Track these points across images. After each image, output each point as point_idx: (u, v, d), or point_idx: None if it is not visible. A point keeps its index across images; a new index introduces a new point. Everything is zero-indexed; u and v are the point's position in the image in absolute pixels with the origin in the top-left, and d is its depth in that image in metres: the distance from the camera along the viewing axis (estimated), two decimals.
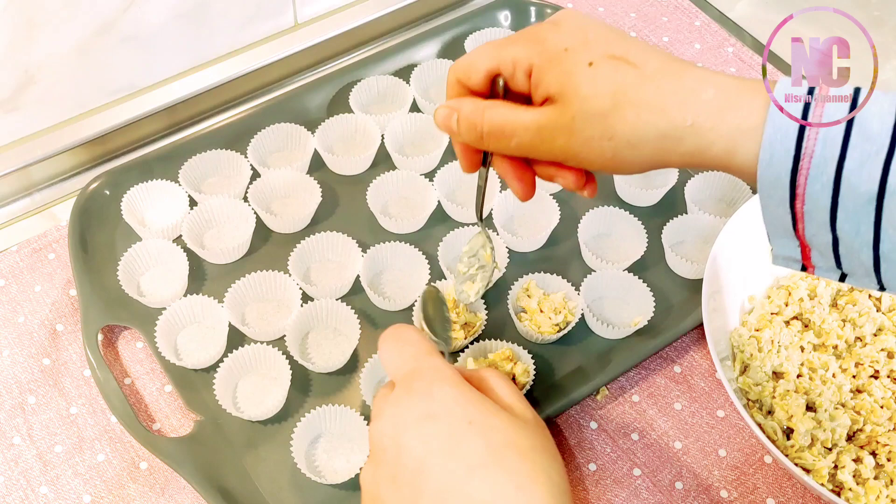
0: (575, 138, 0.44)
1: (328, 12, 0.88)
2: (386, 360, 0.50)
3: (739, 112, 0.41)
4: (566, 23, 0.46)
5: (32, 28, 0.69)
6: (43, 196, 0.78)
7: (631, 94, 0.43)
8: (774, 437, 0.60)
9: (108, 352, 0.67)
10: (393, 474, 0.44)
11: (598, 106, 0.43)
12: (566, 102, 0.44)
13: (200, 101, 0.83)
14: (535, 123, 0.45)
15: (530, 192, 0.52)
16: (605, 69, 0.43)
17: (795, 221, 0.42)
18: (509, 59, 0.46)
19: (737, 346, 0.65)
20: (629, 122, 0.43)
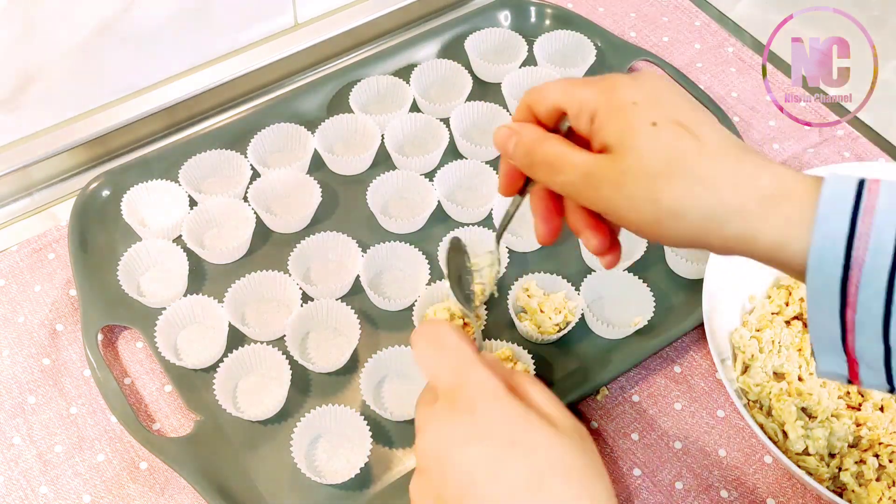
0: (621, 193, 0.43)
1: (328, 12, 0.88)
2: (425, 366, 0.49)
3: (792, 206, 0.41)
4: (643, 79, 0.46)
5: (32, 28, 0.69)
6: (43, 196, 0.78)
7: (686, 163, 0.42)
8: (775, 438, 0.60)
9: (108, 352, 0.67)
10: (438, 493, 0.44)
11: (651, 167, 0.42)
12: (621, 155, 0.43)
13: (200, 101, 0.83)
14: (585, 167, 0.45)
15: (552, 238, 0.51)
16: (666, 133, 0.43)
17: (845, 333, 0.41)
18: (577, 100, 0.46)
19: (737, 346, 0.65)
20: (678, 190, 0.42)
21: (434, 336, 0.49)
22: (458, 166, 0.75)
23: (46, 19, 0.69)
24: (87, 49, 0.73)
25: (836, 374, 0.43)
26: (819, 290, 0.40)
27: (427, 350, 0.49)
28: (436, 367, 0.48)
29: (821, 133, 0.79)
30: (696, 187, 0.42)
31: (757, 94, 0.84)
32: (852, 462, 0.59)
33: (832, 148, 0.80)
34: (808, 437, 0.59)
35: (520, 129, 0.49)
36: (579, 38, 0.84)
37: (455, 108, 0.78)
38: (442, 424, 0.45)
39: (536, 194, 0.51)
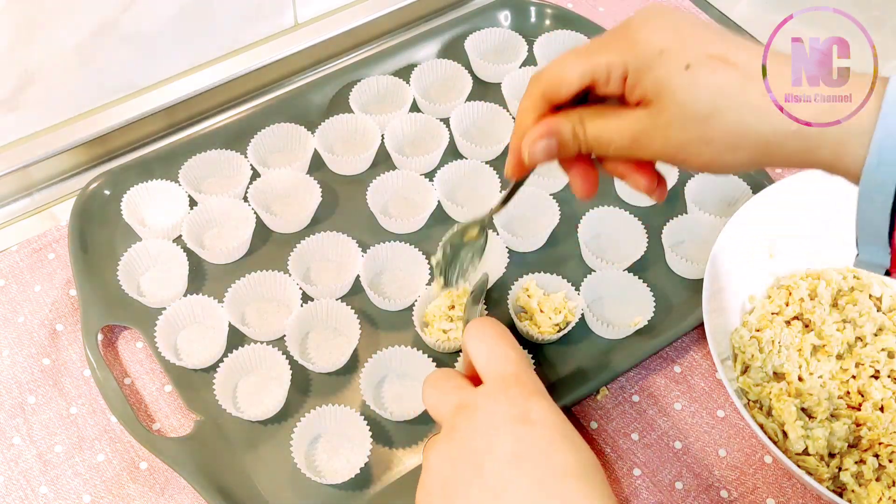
0: (671, 142, 0.43)
1: (328, 12, 0.88)
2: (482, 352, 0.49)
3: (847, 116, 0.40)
4: (657, 20, 0.44)
5: (32, 28, 0.69)
6: (43, 196, 0.78)
7: (732, 97, 0.41)
8: (775, 438, 0.60)
9: (108, 352, 0.67)
10: (478, 463, 0.44)
11: (697, 111, 0.42)
12: (662, 107, 0.43)
13: (200, 101, 0.83)
14: (630, 131, 0.44)
15: (593, 191, 0.50)
16: (703, 72, 0.42)
17: (893, 229, 0.41)
18: (603, 68, 0.44)
19: (738, 346, 0.65)
20: (730, 126, 0.41)
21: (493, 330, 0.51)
22: (458, 166, 0.75)
23: (46, 19, 0.69)
24: (87, 49, 0.73)
25: (875, 265, 0.43)
26: (874, 186, 0.40)
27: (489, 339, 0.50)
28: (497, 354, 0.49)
29: None
30: (748, 117, 0.41)
31: None
32: (852, 462, 0.59)
33: None
34: (808, 437, 0.59)
35: (553, 127, 0.47)
36: (579, 38, 0.84)
37: (455, 108, 0.78)
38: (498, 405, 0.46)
39: (564, 164, 0.51)
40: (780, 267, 0.70)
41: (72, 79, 0.75)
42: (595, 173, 0.50)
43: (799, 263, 0.70)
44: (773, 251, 0.69)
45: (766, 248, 0.69)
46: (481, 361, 0.49)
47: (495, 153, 0.77)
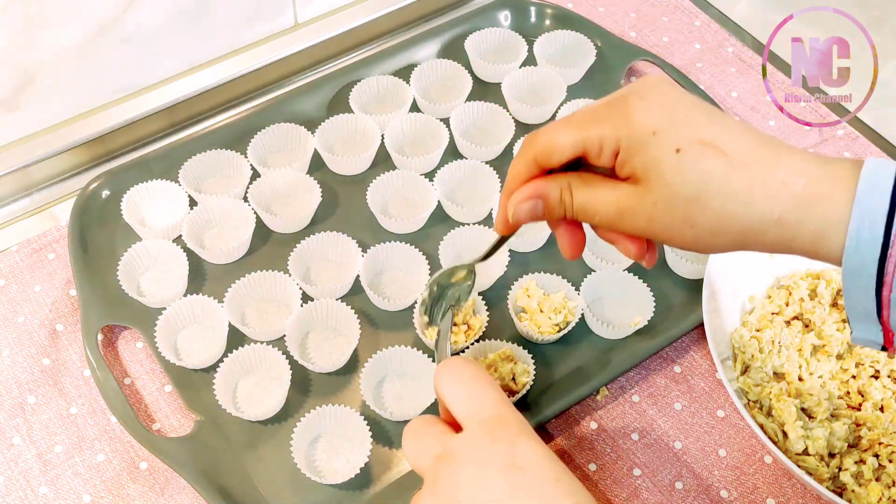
0: (656, 221, 0.44)
1: (328, 12, 0.88)
2: (457, 397, 0.47)
3: (828, 204, 0.41)
4: (653, 97, 0.45)
5: (32, 28, 0.69)
6: (43, 196, 0.78)
7: (718, 184, 0.42)
8: (775, 438, 0.60)
9: (108, 352, 0.67)
10: None
11: (684, 193, 0.43)
12: (650, 187, 0.43)
13: (200, 101, 0.83)
14: (616, 204, 0.45)
15: (579, 252, 0.51)
16: (692, 157, 0.42)
17: (881, 308, 0.41)
18: (596, 140, 0.45)
19: (738, 346, 0.65)
20: (713, 212, 0.42)
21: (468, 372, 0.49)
22: (458, 166, 0.75)
23: (46, 19, 0.69)
24: (87, 49, 0.73)
25: (871, 342, 0.44)
26: (856, 269, 0.41)
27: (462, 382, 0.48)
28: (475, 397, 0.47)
29: (821, 133, 0.79)
30: (731, 205, 0.42)
31: (757, 94, 0.84)
32: (852, 462, 0.59)
33: (832, 148, 0.80)
34: (808, 437, 0.59)
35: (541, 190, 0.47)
36: (579, 38, 0.84)
37: (455, 108, 0.78)
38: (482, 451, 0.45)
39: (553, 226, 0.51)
40: (780, 267, 0.70)
41: (72, 79, 0.75)
42: (582, 235, 0.51)
43: (799, 263, 0.70)
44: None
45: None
46: (459, 406, 0.47)
47: (495, 153, 0.77)
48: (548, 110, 0.80)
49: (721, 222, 0.42)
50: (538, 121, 0.80)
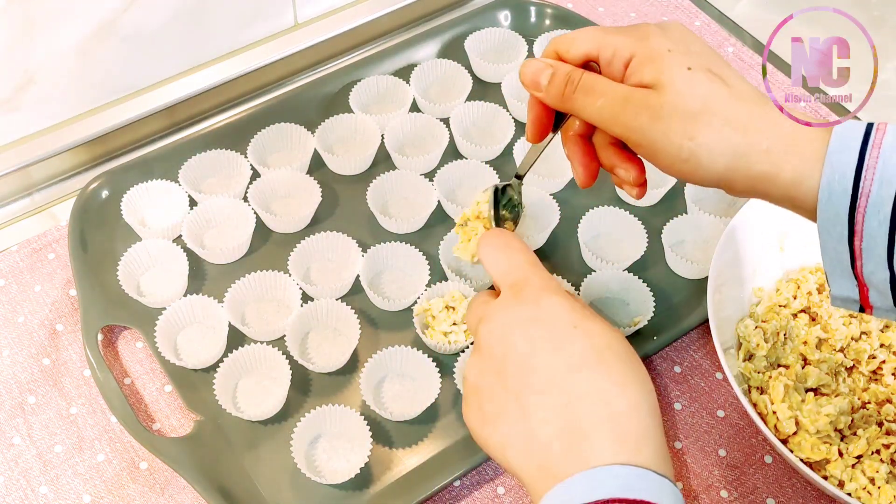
0: (657, 124, 0.46)
1: (328, 12, 0.88)
2: (492, 265, 0.52)
3: (810, 146, 0.44)
4: (673, 30, 0.48)
5: (32, 28, 0.69)
6: (43, 196, 0.78)
7: (720, 106, 0.45)
8: (773, 429, 0.60)
9: (108, 352, 0.67)
10: (499, 368, 0.46)
11: (689, 105, 0.45)
12: (660, 91, 0.46)
13: (200, 101, 0.83)
14: (623, 91, 0.47)
15: (591, 180, 0.54)
16: (701, 77, 0.46)
17: (854, 259, 0.44)
18: (611, 47, 0.48)
19: (742, 335, 0.65)
20: (713, 130, 0.45)
21: (502, 241, 0.53)
22: (458, 166, 0.75)
23: (46, 19, 0.69)
24: (87, 49, 0.73)
25: (848, 300, 0.46)
26: (829, 220, 0.43)
27: (496, 251, 0.52)
28: (504, 265, 0.51)
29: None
30: (728, 129, 0.45)
31: None
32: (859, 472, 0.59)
33: None
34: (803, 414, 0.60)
35: (555, 63, 0.51)
36: None
37: (455, 108, 0.78)
38: (506, 310, 0.48)
39: (570, 140, 0.54)
40: (791, 260, 0.70)
41: (72, 79, 0.75)
42: (596, 164, 0.54)
43: (809, 257, 0.70)
44: (783, 244, 0.69)
45: (776, 240, 0.69)
46: (494, 272, 0.52)
47: (495, 153, 0.77)
48: None
49: (719, 143, 0.45)
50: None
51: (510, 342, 0.47)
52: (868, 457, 0.59)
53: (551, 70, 0.51)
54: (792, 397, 0.61)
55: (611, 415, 0.43)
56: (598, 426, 0.43)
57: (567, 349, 0.46)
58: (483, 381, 0.47)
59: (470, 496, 0.61)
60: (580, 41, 0.50)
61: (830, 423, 0.60)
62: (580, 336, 0.46)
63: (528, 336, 0.47)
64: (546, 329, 0.47)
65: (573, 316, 0.47)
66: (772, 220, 0.68)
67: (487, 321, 0.49)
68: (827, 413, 0.59)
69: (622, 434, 0.43)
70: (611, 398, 0.44)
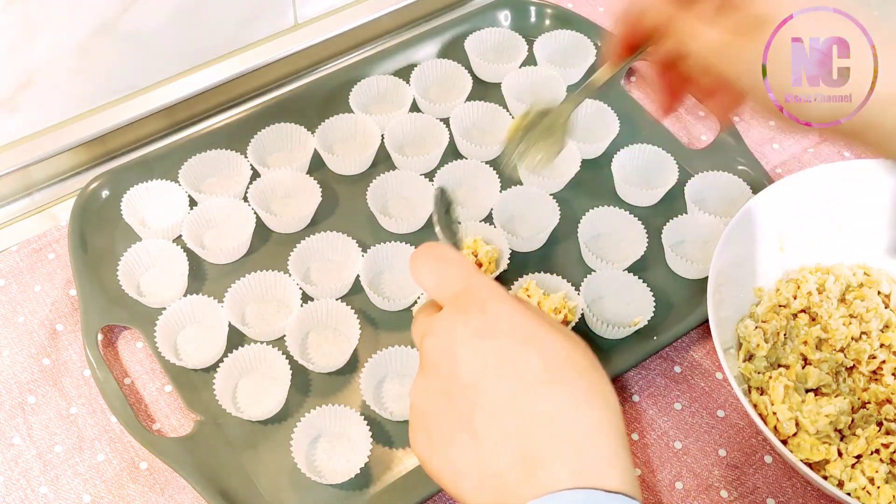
0: None
1: (328, 12, 0.88)
2: (426, 278, 0.47)
3: None
4: None
5: (32, 28, 0.69)
6: (43, 196, 0.78)
7: None
8: (773, 428, 0.60)
9: (108, 352, 0.67)
10: (447, 389, 0.43)
11: None
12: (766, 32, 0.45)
13: (200, 101, 0.83)
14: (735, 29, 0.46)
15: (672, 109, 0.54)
16: None
17: None
18: None
19: (742, 335, 0.65)
20: None
21: (433, 253, 0.48)
22: (458, 166, 0.75)
23: (46, 19, 0.69)
24: (87, 49, 0.73)
25: None
26: None
27: (430, 264, 0.47)
28: (441, 277, 0.46)
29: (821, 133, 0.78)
30: None
31: None
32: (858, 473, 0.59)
33: (832, 148, 0.80)
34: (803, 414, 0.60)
35: None
36: (579, 37, 0.84)
37: (455, 108, 0.78)
38: (454, 322, 0.44)
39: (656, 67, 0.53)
40: (790, 260, 0.70)
41: (72, 79, 0.75)
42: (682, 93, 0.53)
43: (809, 258, 0.70)
44: (783, 244, 0.69)
45: (777, 240, 0.69)
46: (432, 288, 0.47)
47: (495, 153, 0.77)
48: None
49: None
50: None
51: (457, 359, 0.42)
52: (867, 457, 0.59)
53: None
54: (792, 398, 0.61)
55: (567, 438, 0.40)
56: (556, 452, 0.39)
57: (520, 364, 0.41)
58: (429, 404, 0.43)
59: None
60: None
61: (830, 423, 0.60)
62: (533, 351, 0.42)
63: (476, 351, 0.42)
64: (495, 342, 0.42)
65: (525, 325, 0.43)
66: (772, 221, 0.68)
67: (431, 335, 0.44)
68: (827, 413, 0.59)
69: (584, 460, 0.39)
70: (570, 419, 0.40)
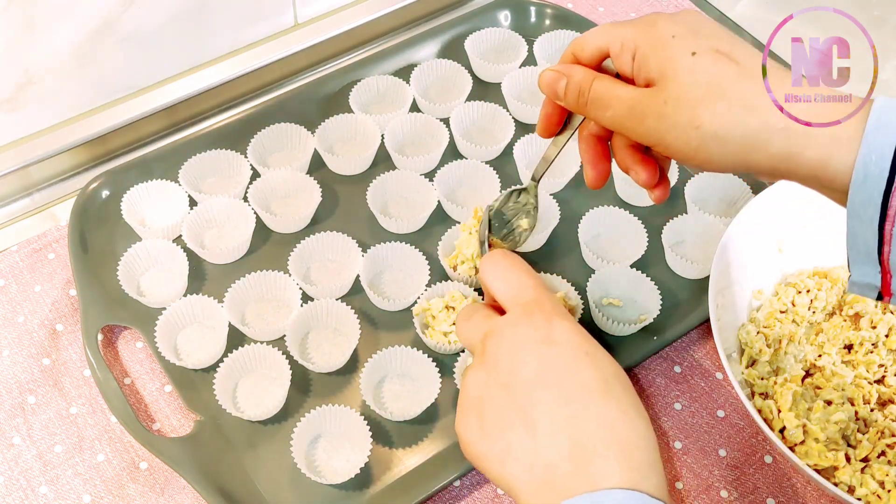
0: (663, 122, 0.45)
1: (328, 12, 0.88)
2: (500, 285, 0.51)
3: None
4: (683, 16, 0.48)
5: (32, 28, 0.69)
6: (43, 196, 0.78)
7: (726, 87, 0.44)
8: (775, 426, 0.60)
9: (108, 352, 0.67)
10: (507, 382, 0.46)
11: (692, 94, 0.44)
12: (662, 86, 0.45)
13: (200, 101, 0.83)
14: (630, 100, 0.47)
15: (601, 182, 0.55)
16: (706, 60, 0.45)
17: (882, 244, 0.43)
18: (618, 39, 0.48)
19: (745, 341, 0.65)
20: (718, 114, 0.44)
21: (508, 260, 0.52)
22: (458, 166, 0.75)
23: (46, 19, 0.69)
24: (87, 49, 0.73)
25: (868, 286, 0.45)
26: (861, 202, 0.42)
27: (503, 272, 0.52)
28: (512, 285, 0.51)
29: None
30: (737, 109, 0.43)
31: None
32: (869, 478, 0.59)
33: None
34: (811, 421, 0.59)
35: (568, 70, 0.51)
36: None
37: (455, 108, 0.78)
38: (520, 329, 0.48)
39: (584, 140, 0.54)
40: (789, 263, 0.70)
41: (72, 79, 0.75)
42: (607, 165, 0.55)
43: (808, 260, 0.70)
44: (781, 246, 0.69)
45: (775, 242, 0.69)
46: (502, 293, 0.51)
47: (495, 153, 0.77)
48: None
49: (725, 126, 0.43)
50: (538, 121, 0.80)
51: (520, 359, 0.47)
52: (875, 460, 0.59)
53: (565, 80, 0.51)
54: (799, 405, 0.61)
55: (619, 441, 0.43)
56: (607, 448, 0.43)
57: (577, 374, 0.46)
58: (487, 392, 0.47)
59: (470, 496, 0.61)
60: (591, 38, 0.50)
61: (840, 430, 0.60)
62: (590, 363, 0.46)
63: (539, 356, 0.46)
64: (557, 352, 0.47)
65: (584, 343, 0.47)
66: (771, 222, 0.68)
67: (496, 336, 0.48)
68: (836, 420, 0.59)
69: (631, 460, 0.43)
70: (623, 426, 0.44)
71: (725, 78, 0.44)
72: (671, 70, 0.45)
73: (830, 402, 0.62)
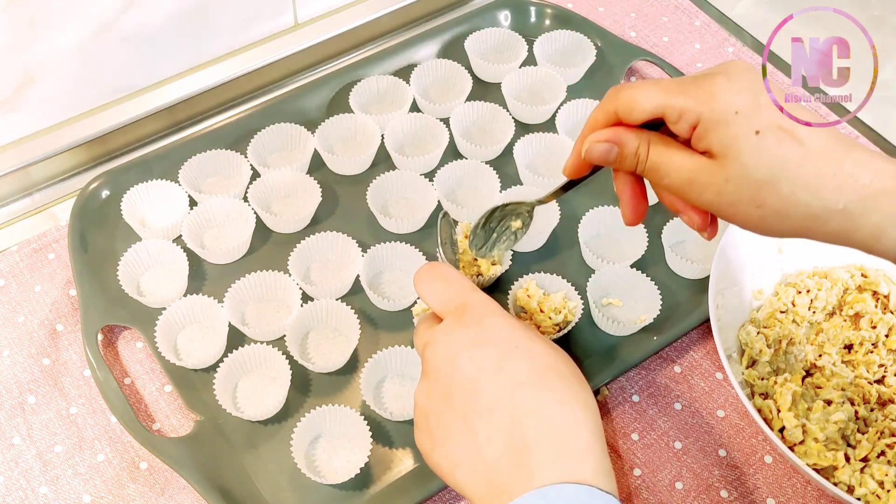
0: (724, 198, 0.46)
1: (328, 12, 0.88)
2: (430, 296, 0.53)
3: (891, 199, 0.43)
4: (738, 79, 0.46)
5: (32, 28, 0.69)
6: (43, 196, 0.78)
7: (790, 171, 0.44)
8: (774, 427, 0.60)
9: (108, 352, 0.67)
10: (447, 391, 0.48)
11: (755, 176, 0.44)
12: (724, 164, 0.45)
13: (200, 101, 0.83)
14: (690, 172, 0.47)
15: (639, 220, 0.54)
16: (770, 140, 0.44)
17: None
18: (676, 109, 0.46)
19: (745, 342, 0.65)
20: (782, 196, 0.44)
21: (436, 273, 0.54)
22: (458, 166, 0.75)
23: (46, 19, 0.69)
24: (87, 49, 0.73)
25: None
26: None
27: (432, 282, 0.54)
28: (442, 295, 0.53)
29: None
30: (800, 192, 0.44)
31: None
32: (868, 478, 0.59)
33: None
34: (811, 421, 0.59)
35: (618, 138, 0.49)
36: (579, 37, 0.84)
37: (455, 108, 0.78)
38: (451, 335, 0.50)
39: (621, 179, 0.53)
40: (789, 263, 0.70)
41: (72, 79, 0.75)
42: (645, 204, 0.53)
43: (807, 259, 0.70)
44: (781, 246, 0.69)
45: (775, 242, 0.69)
46: (435, 302, 0.53)
47: (495, 153, 0.77)
48: (548, 110, 0.80)
49: (788, 207, 0.44)
50: (538, 121, 0.80)
51: (456, 365, 0.49)
52: (875, 460, 0.59)
53: (617, 149, 0.49)
54: (799, 405, 0.61)
55: (552, 430, 0.45)
56: (541, 441, 0.45)
57: (510, 368, 0.47)
58: (431, 404, 0.49)
59: None
60: (642, 104, 0.47)
61: (839, 430, 0.60)
62: (522, 356, 0.48)
63: (473, 358, 0.48)
64: (490, 350, 0.48)
65: (515, 336, 0.49)
66: None
67: (433, 345, 0.51)
68: (836, 420, 0.59)
69: (564, 449, 0.45)
70: (553, 415, 0.46)
71: (790, 161, 0.44)
72: (734, 149, 0.44)
73: (830, 401, 0.62)
